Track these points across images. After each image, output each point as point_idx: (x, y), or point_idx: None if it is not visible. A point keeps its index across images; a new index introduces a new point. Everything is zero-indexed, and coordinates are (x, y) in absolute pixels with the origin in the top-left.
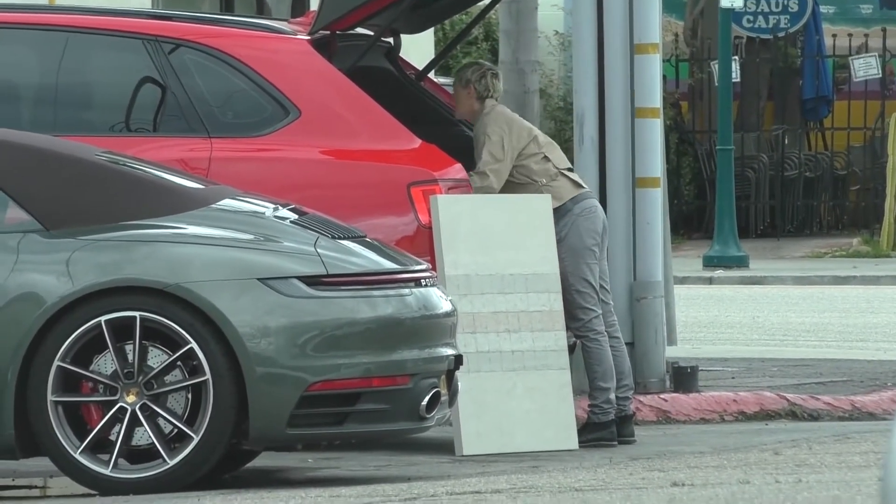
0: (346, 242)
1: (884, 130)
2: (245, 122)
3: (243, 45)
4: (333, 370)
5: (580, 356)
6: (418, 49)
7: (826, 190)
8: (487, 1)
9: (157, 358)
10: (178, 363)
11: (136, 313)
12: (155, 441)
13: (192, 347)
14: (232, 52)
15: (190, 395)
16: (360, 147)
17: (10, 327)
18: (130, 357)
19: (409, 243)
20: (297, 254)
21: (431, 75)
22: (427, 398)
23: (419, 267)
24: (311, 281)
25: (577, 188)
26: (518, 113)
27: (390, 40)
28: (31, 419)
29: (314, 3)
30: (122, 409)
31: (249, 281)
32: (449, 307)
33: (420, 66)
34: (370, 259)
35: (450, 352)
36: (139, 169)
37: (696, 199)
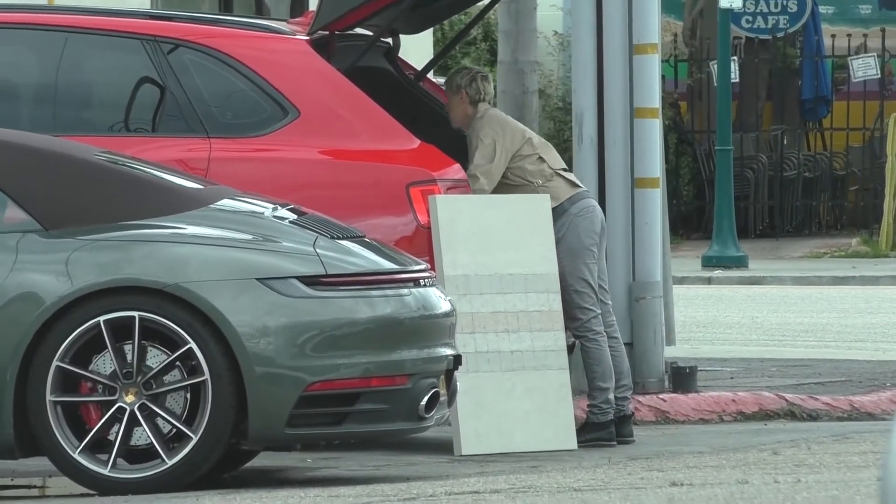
0: (345, 242)
1: (883, 131)
2: (244, 123)
3: (242, 45)
4: (332, 370)
5: (579, 356)
6: (417, 49)
7: (825, 190)
8: (486, 1)
9: (155, 358)
10: (177, 363)
11: (135, 313)
12: (154, 441)
13: (190, 347)
14: (231, 52)
15: (189, 395)
16: (359, 147)
17: (10, 327)
18: (129, 357)
19: (408, 243)
20: (296, 254)
21: (430, 75)
22: (426, 398)
23: (418, 267)
24: (310, 281)
25: (574, 188)
26: (517, 113)
27: (389, 40)
28: (30, 419)
29: (313, 4)
30: (121, 409)
31: (248, 281)
32: (448, 307)
33: (419, 66)
34: (369, 259)
35: (449, 352)
36: (138, 169)
37: (694, 199)
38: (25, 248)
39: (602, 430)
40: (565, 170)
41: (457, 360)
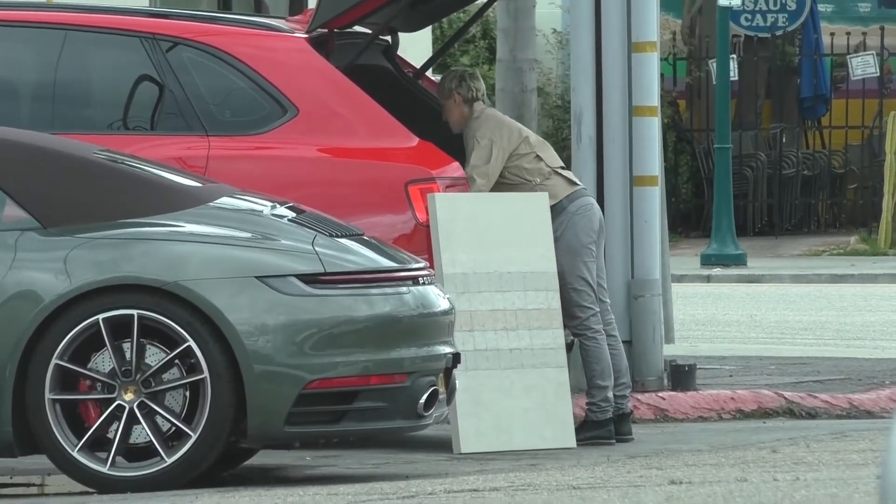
0: (343, 240)
1: (881, 129)
2: (243, 121)
3: (241, 43)
4: (331, 368)
5: (578, 354)
6: (416, 47)
7: (824, 188)
8: None
9: (154, 356)
10: (176, 361)
11: (134, 311)
12: (153, 439)
13: (189, 345)
14: (230, 50)
15: (188, 393)
16: (357, 145)
17: (8, 325)
18: (128, 355)
19: (407, 241)
20: (295, 252)
21: (429, 73)
22: (425, 396)
23: (417, 265)
24: (309, 279)
25: (572, 186)
26: (516, 111)
27: (388, 38)
28: (29, 417)
29: (312, 2)
30: (120, 407)
31: (247, 279)
32: (447, 305)
33: (418, 64)
34: (368, 257)
35: (447, 350)
36: (137, 167)
37: (693, 197)
38: (24, 246)
39: (601, 428)
40: (563, 168)
41: (456, 358)
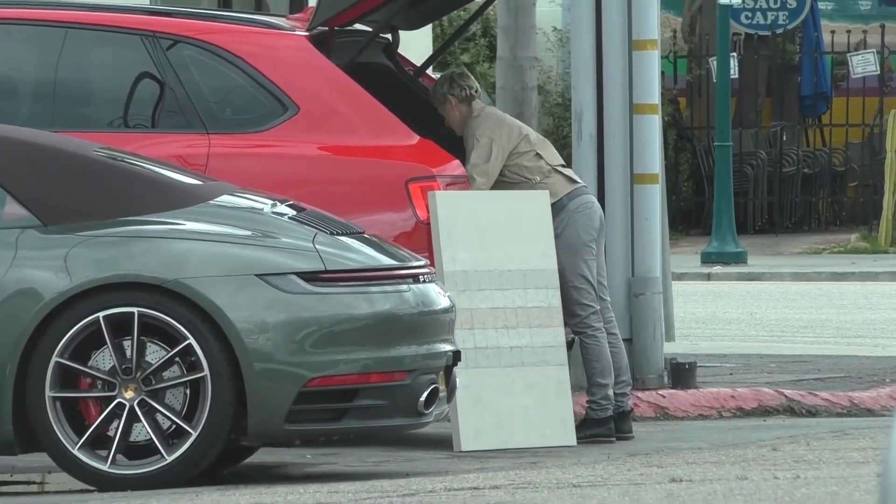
0: (344, 238)
1: (882, 127)
2: (243, 119)
3: (241, 41)
4: (331, 366)
5: (579, 352)
6: (416, 45)
7: (824, 186)
8: None
9: (155, 354)
10: (177, 359)
11: (135, 309)
12: (153, 437)
13: (190, 343)
14: (230, 48)
15: (188, 391)
16: (358, 143)
17: (9, 323)
18: (129, 353)
19: (408, 239)
20: (296, 250)
21: (430, 71)
22: (425, 394)
23: (417, 263)
24: (310, 277)
25: (572, 184)
26: (516, 109)
27: (388, 36)
28: (29, 415)
29: (312, 0)
30: (121, 405)
31: (247, 277)
32: (447, 303)
33: (418, 62)
34: (368, 255)
35: (448, 348)
36: (137, 165)
37: (694, 195)
38: (24, 244)
39: (601, 426)
40: (563, 166)
41: (456, 356)
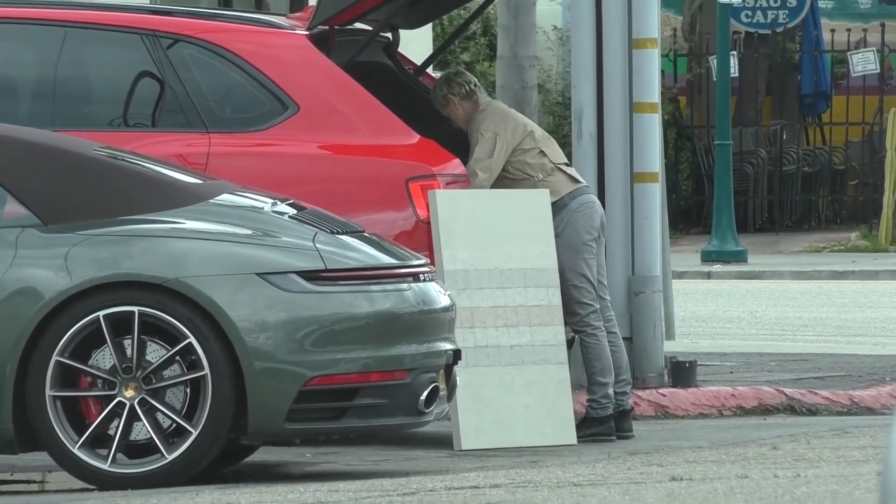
0: (344, 237)
1: (882, 125)
2: (243, 118)
3: (242, 40)
4: (332, 365)
5: (579, 351)
6: (417, 44)
7: (824, 185)
8: None
9: (155, 353)
10: (177, 358)
11: (135, 308)
12: (153, 436)
13: (190, 342)
14: (230, 47)
15: (188, 390)
16: (358, 142)
17: (9, 322)
18: (129, 352)
19: (408, 238)
20: (296, 249)
21: (430, 70)
22: (425, 393)
23: (417, 262)
24: (310, 276)
25: (574, 183)
26: (516, 108)
27: (389, 35)
28: (29, 414)
29: None
30: (121, 404)
31: (248, 276)
32: (447, 302)
33: (418, 61)
34: (368, 254)
35: (448, 346)
36: (137, 164)
37: (694, 193)
38: (25, 243)
39: (601, 424)
40: (567, 164)
41: (456, 354)
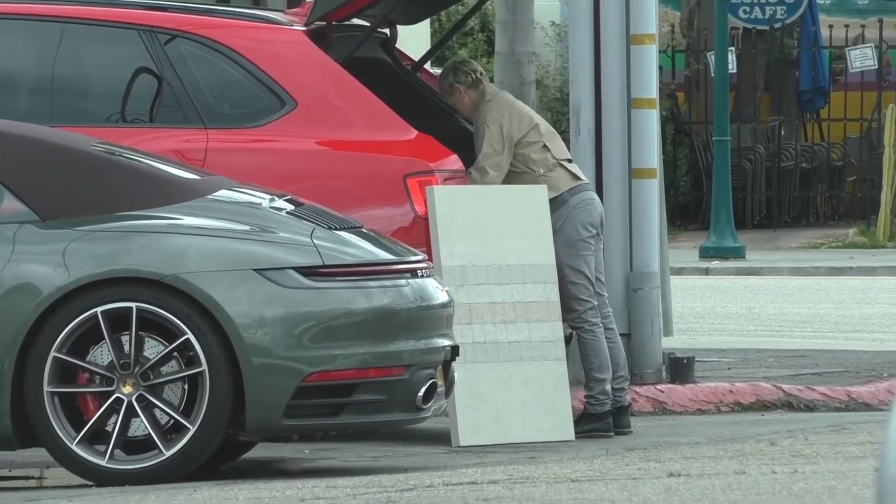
0: (342, 233)
1: (880, 121)
2: (241, 113)
3: (239, 35)
4: (330, 361)
5: (577, 347)
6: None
7: (822, 181)
8: None
9: (153, 349)
10: (175, 354)
11: (133, 304)
12: (151, 432)
13: (188, 338)
14: (228, 42)
15: (186, 386)
16: (356, 138)
17: (7, 318)
18: (127, 348)
19: (406, 234)
20: (294, 244)
21: (428, 66)
22: (423, 389)
23: (415, 258)
24: (308, 271)
25: (575, 180)
26: None
27: (386, 31)
28: (27, 410)
29: None
30: (119, 400)
31: (246, 272)
32: (445, 298)
33: (416, 57)
34: (366, 250)
35: (446, 342)
36: (135, 160)
37: (692, 190)
38: (22, 239)
39: (599, 420)
40: (570, 161)
41: (454, 350)
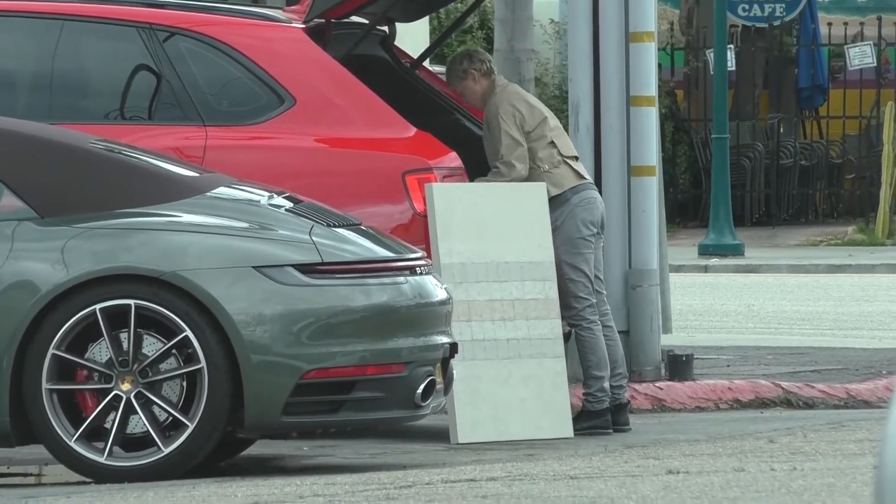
0: (340, 230)
1: (879, 119)
2: (240, 111)
3: (238, 33)
4: (328, 358)
5: (575, 344)
6: (413, 38)
7: (821, 178)
8: None
9: (152, 346)
10: (173, 351)
11: (131, 301)
12: (150, 429)
13: (187, 335)
14: (227, 40)
15: (185, 383)
16: (355, 135)
17: (5, 315)
18: (125, 345)
19: (405, 231)
20: (292, 242)
21: (427, 64)
22: (422, 386)
23: (414, 255)
24: (306, 269)
25: (579, 178)
26: None
27: (385, 29)
28: (26, 407)
29: None
30: (117, 397)
31: (244, 269)
32: (444, 295)
33: (415, 54)
34: (365, 247)
35: (445, 340)
36: (134, 157)
37: (691, 187)
38: (21, 236)
39: (598, 418)
40: (575, 159)
41: (453, 348)
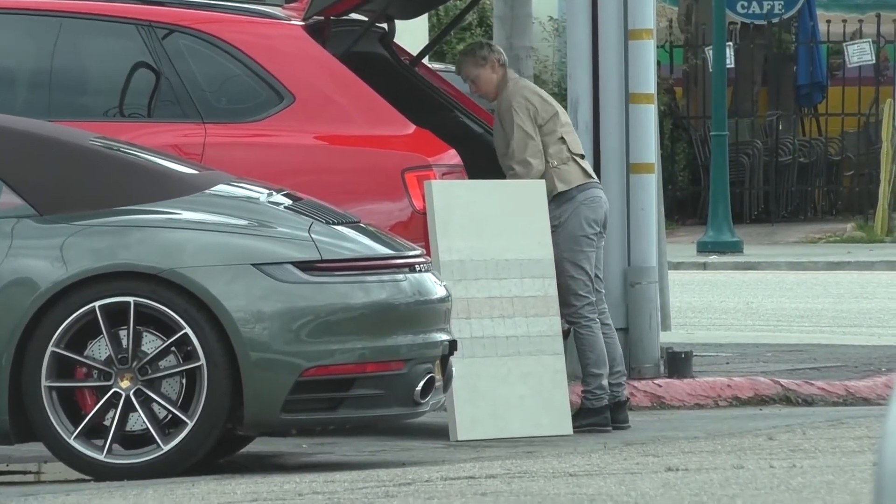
0: (340, 228)
1: (878, 116)
2: (239, 108)
3: (237, 30)
4: (328, 355)
5: (573, 342)
6: (412, 35)
7: (820, 175)
8: None
9: (151, 343)
10: (173, 349)
11: (131, 299)
12: (149, 426)
13: (186, 333)
14: (226, 37)
15: (184, 381)
16: (354, 132)
17: (5, 313)
18: (125, 342)
19: (404, 229)
20: (292, 239)
21: (426, 61)
22: (421, 384)
23: (413, 252)
24: (306, 266)
25: (586, 176)
26: None
27: (384, 26)
28: (25, 404)
29: None
30: (117, 395)
31: (243, 266)
32: (443, 292)
33: (414, 51)
34: (364, 244)
35: (444, 337)
36: (133, 154)
37: (690, 184)
38: (20, 233)
39: (597, 415)
40: (583, 157)
41: (452, 345)
